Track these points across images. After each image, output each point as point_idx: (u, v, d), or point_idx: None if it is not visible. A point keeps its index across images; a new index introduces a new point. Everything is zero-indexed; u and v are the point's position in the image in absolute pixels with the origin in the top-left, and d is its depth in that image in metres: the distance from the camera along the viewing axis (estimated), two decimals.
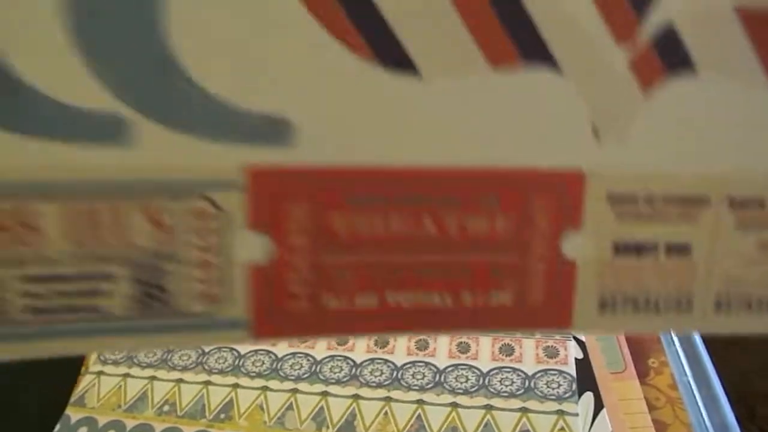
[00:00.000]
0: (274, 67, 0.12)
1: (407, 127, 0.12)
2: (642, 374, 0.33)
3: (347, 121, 0.12)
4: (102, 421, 0.33)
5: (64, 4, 0.11)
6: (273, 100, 0.12)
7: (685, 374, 0.34)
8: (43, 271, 0.12)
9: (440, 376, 0.33)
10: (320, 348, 0.36)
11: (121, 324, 0.12)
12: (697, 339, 0.36)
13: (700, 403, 0.32)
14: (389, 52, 0.12)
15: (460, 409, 0.32)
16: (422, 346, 0.35)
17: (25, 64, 0.11)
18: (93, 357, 0.37)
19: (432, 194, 0.13)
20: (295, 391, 0.33)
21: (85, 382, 0.36)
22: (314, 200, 0.12)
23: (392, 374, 0.34)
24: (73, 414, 0.34)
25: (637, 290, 0.14)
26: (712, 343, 0.34)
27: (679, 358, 0.34)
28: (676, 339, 0.35)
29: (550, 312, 0.14)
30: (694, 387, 0.33)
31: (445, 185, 0.13)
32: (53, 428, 0.33)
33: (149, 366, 0.36)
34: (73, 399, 0.35)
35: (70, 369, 0.37)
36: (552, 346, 0.34)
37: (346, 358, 0.35)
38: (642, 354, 0.34)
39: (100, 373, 0.36)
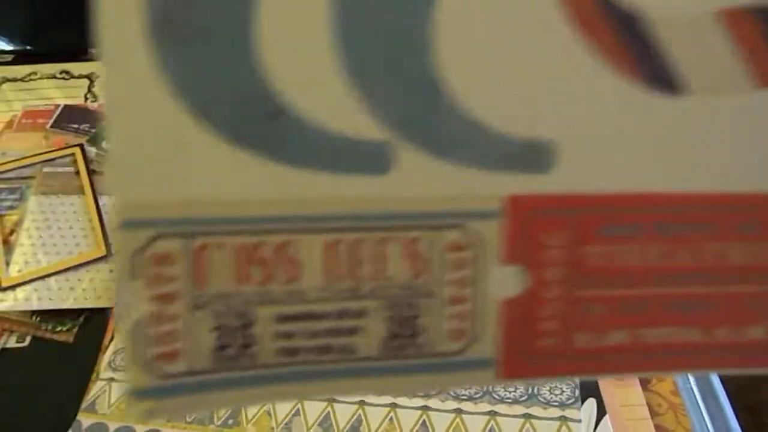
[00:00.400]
0: (538, 90, 0.11)
1: (666, 149, 0.12)
2: (644, 380, 0.33)
3: (607, 145, 0.11)
4: (112, 427, 0.34)
5: (336, 34, 0.10)
6: (536, 125, 0.11)
7: (688, 381, 0.34)
8: (298, 310, 0.11)
9: None
10: None
11: (372, 365, 0.12)
12: None
13: (704, 410, 0.33)
14: (655, 70, 0.11)
15: (464, 415, 0.32)
16: None
17: (297, 95, 0.11)
18: (104, 364, 0.37)
19: (689, 221, 0.12)
20: None
21: (96, 388, 0.36)
22: (571, 229, 0.12)
23: None
24: (84, 420, 0.35)
25: None
26: None
27: None
28: None
29: None
30: (697, 394, 0.33)
31: (705, 212, 0.12)
32: None
33: None
34: (84, 405, 0.35)
35: (82, 376, 0.37)
36: None
37: None
38: None
39: (111, 379, 0.37)
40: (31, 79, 0.56)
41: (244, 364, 0.11)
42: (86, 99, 0.55)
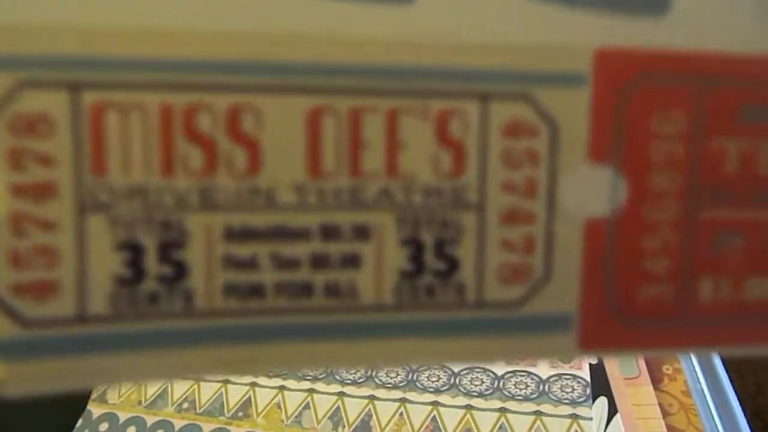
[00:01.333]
0: None
1: None
2: (656, 380, 0.33)
3: None
4: (123, 417, 0.33)
5: None
6: None
7: (699, 382, 0.34)
8: (259, 223, 0.07)
9: (455, 379, 0.32)
10: None
11: (379, 318, 0.07)
12: None
13: (714, 411, 0.32)
14: None
15: (474, 412, 0.31)
16: None
17: None
18: None
19: None
20: (312, 390, 0.33)
21: None
22: (697, 109, 0.07)
23: (408, 376, 0.33)
24: (94, 410, 0.33)
25: None
26: (728, 357, 0.34)
27: (693, 365, 0.34)
28: None
29: None
30: (707, 395, 0.33)
31: None
32: (75, 424, 0.34)
33: None
34: (94, 395, 0.33)
35: None
36: None
37: None
38: (656, 360, 0.34)
39: None
40: None
41: (166, 308, 0.07)
42: None
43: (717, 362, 0.34)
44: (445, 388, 0.32)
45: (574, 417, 0.30)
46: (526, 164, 0.07)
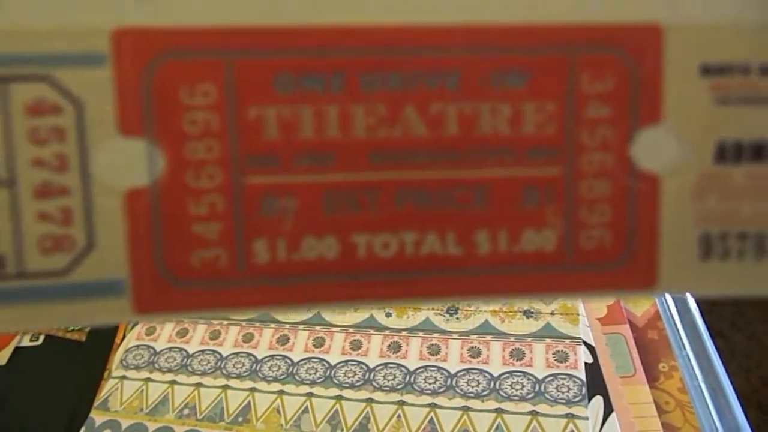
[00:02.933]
0: None
1: None
2: (652, 378, 0.33)
3: None
4: (125, 424, 0.33)
5: None
6: None
7: (696, 379, 0.34)
8: None
9: (452, 381, 0.32)
10: (335, 353, 0.35)
11: None
12: (709, 343, 0.36)
13: (712, 408, 0.33)
14: None
15: (471, 413, 0.31)
16: (434, 351, 0.36)
17: None
18: (116, 362, 0.38)
19: (416, 69, 0.08)
20: (310, 395, 0.33)
21: (108, 386, 0.35)
22: (228, 81, 0.08)
23: (405, 378, 0.33)
24: (97, 417, 0.33)
25: (759, 219, 0.08)
26: (733, 351, 0.34)
27: (690, 362, 0.35)
28: (687, 343, 0.36)
29: (618, 260, 0.08)
30: (705, 391, 0.33)
31: (437, 56, 0.08)
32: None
33: (169, 371, 0.35)
34: (96, 403, 0.34)
35: (94, 374, 0.38)
36: (562, 350, 0.34)
37: (360, 362, 0.34)
38: (652, 358, 0.34)
39: (122, 377, 0.35)
40: None
41: None
42: None
43: (714, 358, 0.34)
44: (442, 390, 0.33)
45: (570, 417, 0.30)
46: (54, 141, 0.08)
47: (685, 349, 0.34)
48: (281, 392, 0.34)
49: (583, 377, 0.32)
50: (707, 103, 0.08)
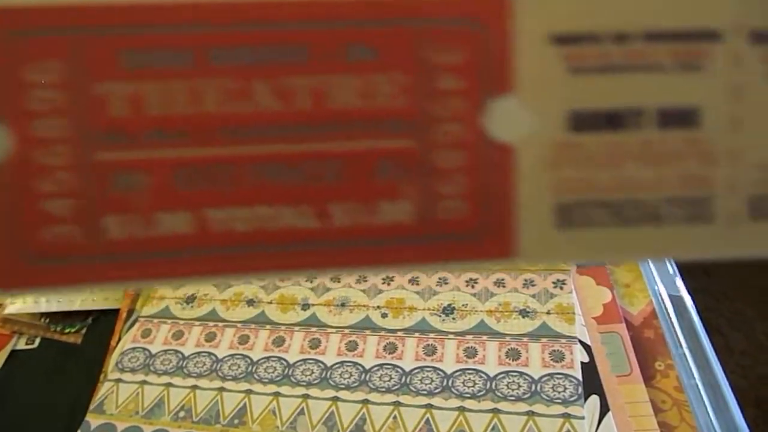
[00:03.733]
0: None
1: None
2: (648, 377, 0.33)
3: None
4: (121, 427, 0.33)
5: None
6: None
7: (693, 377, 0.34)
8: None
9: (448, 381, 0.32)
10: (330, 354, 0.35)
11: None
12: (705, 341, 0.36)
13: (708, 406, 0.32)
14: None
15: (467, 413, 0.31)
16: (430, 352, 0.36)
17: None
18: (112, 365, 0.38)
19: (266, 44, 0.08)
20: (306, 396, 0.33)
21: (104, 389, 0.34)
22: (73, 58, 0.08)
23: (401, 379, 0.33)
24: (92, 420, 0.33)
25: (615, 186, 0.08)
26: (730, 349, 0.34)
27: (686, 360, 0.34)
28: (683, 341, 0.36)
29: (475, 230, 0.08)
30: (702, 390, 0.33)
31: (286, 30, 0.08)
32: None
33: (165, 373, 0.35)
34: (92, 406, 0.34)
35: (90, 377, 0.38)
36: (558, 350, 0.34)
37: (356, 363, 0.34)
38: (648, 357, 0.34)
39: (118, 380, 0.35)
40: None
41: None
42: None
43: (711, 356, 0.34)
44: (438, 390, 0.33)
45: (567, 416, 0.30)
46: None
47: (681, 347, 0.34)
48: (277, 394, 0.33)
49: (580, 376, 0.32)
50: (561, 73, 0.08)
